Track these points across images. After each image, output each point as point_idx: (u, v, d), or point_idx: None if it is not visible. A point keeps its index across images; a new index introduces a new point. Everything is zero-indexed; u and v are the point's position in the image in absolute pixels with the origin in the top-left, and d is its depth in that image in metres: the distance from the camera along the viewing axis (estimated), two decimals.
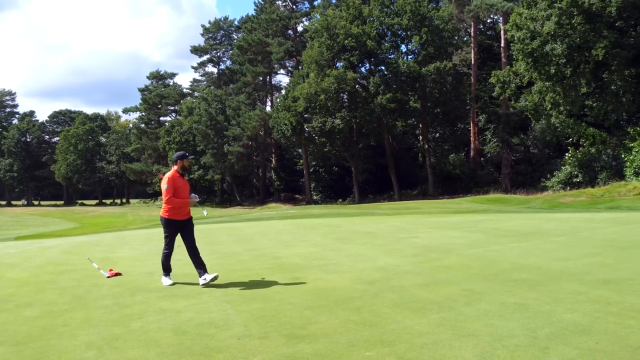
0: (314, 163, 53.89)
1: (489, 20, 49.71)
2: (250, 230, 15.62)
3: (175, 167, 7.18)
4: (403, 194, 43.69)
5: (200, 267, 6.99)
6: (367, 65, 42.69)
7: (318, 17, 43.81)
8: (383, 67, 41.34)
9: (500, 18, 42.61)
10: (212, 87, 68.63)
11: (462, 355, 3.92)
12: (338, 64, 41.28)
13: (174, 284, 7.11)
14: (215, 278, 6.85)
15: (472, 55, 44.53)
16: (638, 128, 26.82)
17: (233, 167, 55.81)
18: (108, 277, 7.85)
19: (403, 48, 42.53)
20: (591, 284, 6.08)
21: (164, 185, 6.98)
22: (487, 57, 47.76)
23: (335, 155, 46.57)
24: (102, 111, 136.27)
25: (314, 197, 52.46)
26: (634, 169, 25.76)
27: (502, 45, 41.34)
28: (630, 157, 26.08)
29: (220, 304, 5.85)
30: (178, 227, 7.18)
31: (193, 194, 7.30)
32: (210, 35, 72.39)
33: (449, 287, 6.26)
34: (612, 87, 26.92)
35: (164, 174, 7.50)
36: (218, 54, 73.46)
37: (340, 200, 48.98)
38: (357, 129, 42.79)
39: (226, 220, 24.09)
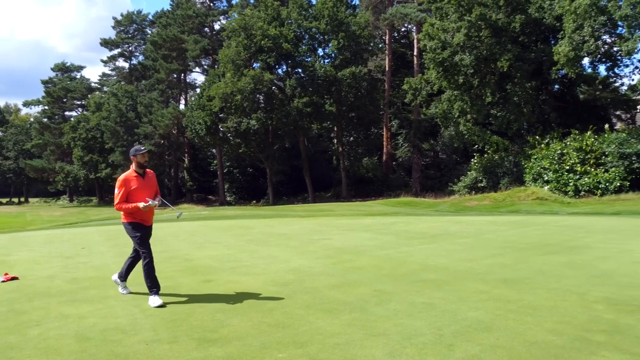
0: (228, 164, 53.17)
1: (403, 29, 51.33)
2: (160, 231, 15.13)
3: (132, 166, 6.17)
4: (317, 196, 44.11)
5: (123, 278, 6.37)
6: (284, 67, 42.77)
7: (236, 16, 43.29)
8: (300, 70, 41.57)
9: (414, 27, 44.10)
10: (122, 83, 65.86)
11: (372, 354, 4.00)
12: (255, 65, 41.03)
13: (164, 304, 5.74)
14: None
15: (387, 61, 45.76)
16: (537, 137, 28.67)
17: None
18: (3, 281, 7.32)
19: (320, 52, 43.05)
20: (493, 283, 6.42)
21: (115, 189, 6.09)
22: (401, 65, 49.26)
23: (250, 156, 46.21)
24: (0, 103, 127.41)
25: (228, 198, 51.75)
26: (532, 175, 27.47)
27: (415, 53, 42.81)
28: (529, 164, 27.81)
29: (128, 308, 5.62)
30: (144, 230, 6.14)
31: (158, 197, 6.18)
32: (122, 28, 69.51)
33: (361, 287, 6.39)
34: (515, 98, 28.65)
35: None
36: (130, 48, 70.64)
37: (254, 201, 48.65)
38: (273, 130, 42.70)
39: None
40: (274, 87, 41.43)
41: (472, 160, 33.24)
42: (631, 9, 20.82)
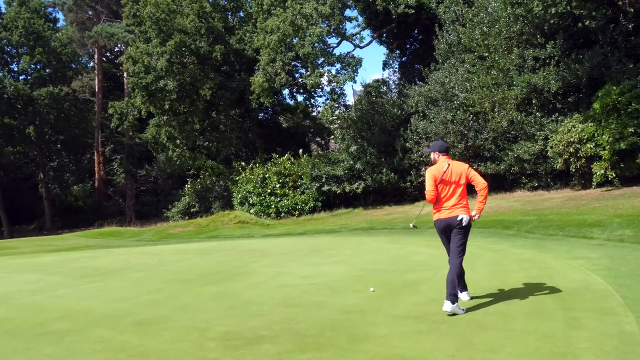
0: None
1: (116, 49, 48.98)
2: None
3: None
4: (16, 229, 38.73)
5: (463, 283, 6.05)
6: None
7: None
8: None
9: (124, 48, 42.40)
10: None
11: None
12: None
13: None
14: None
15: (97, 82, 43.00)
16: (242, 163, 29.83)
17: None
18: None
19: (14, 67, 38.14)
20: (123, 328, 5.98)
21: (471, 171, 5.81)
22: (114, 86, 46.85)
23: None
24: None
25: None
26: (239, 199, 28.41)
27: (125, 75, 41.13)
28: (237, 189, 28.75)
29: None
30: None
31: None
32: None
33: None
34: (221, 126, 29.40)
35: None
36: None
37: None
38: None
39: None
40: None
41: (186, 185, 33.08)
42: (312, 48, 23.21)
